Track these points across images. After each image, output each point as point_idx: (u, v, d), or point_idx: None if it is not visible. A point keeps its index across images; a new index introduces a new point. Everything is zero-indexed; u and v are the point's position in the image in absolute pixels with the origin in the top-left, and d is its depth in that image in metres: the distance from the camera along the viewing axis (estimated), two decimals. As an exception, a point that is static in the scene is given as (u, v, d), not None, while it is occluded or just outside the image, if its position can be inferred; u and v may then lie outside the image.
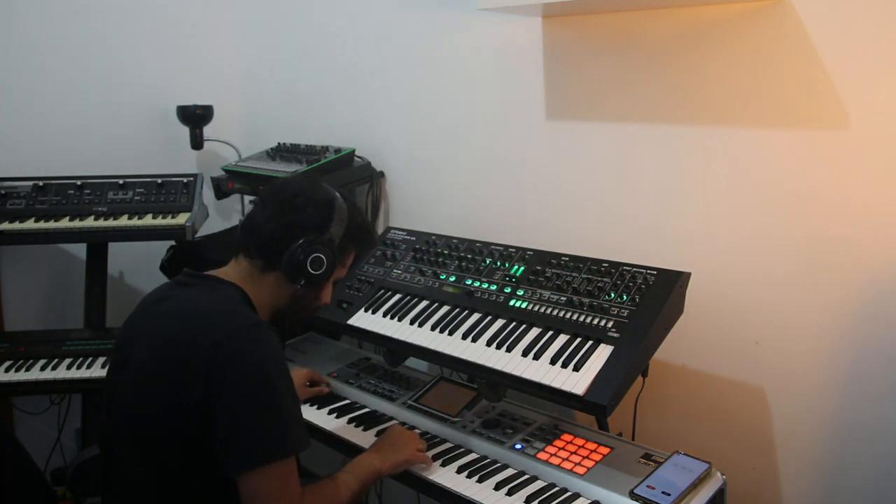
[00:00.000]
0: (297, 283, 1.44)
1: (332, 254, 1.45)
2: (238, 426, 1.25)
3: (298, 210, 1.44)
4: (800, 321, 1.70)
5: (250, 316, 1.38)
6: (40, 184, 2.41)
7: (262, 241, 1.44)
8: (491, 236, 1.98)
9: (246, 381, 1.27)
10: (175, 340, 1.31)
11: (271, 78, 2.92)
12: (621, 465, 1.49)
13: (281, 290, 1.48)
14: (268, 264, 1.45)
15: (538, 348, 1.59)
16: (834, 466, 1.71)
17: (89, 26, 2.70)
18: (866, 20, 1.53)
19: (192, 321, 1.33)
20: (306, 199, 1.45)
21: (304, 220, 1.44)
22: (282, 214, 1.44)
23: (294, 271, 1.43)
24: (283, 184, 1.52)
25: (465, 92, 2.24)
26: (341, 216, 1.48)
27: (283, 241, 1.42)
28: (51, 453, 2.70)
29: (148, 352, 1.34)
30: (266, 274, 1.46)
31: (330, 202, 1.48)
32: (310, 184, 1.51)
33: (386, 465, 1.51)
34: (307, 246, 1.42)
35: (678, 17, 1.77)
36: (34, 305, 2.78)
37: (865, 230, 1.59)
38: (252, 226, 1.47)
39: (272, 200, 1.47)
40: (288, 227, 1.43)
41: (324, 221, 1.46)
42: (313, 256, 1.42)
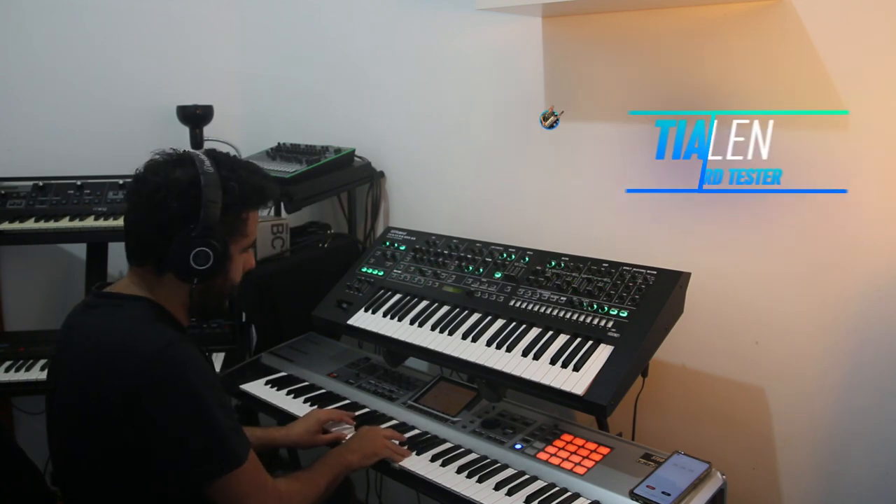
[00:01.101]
0: (191, 282, 1.35)
1: (215, 240, 1.33)
2: (182, 449, 1.24)
3: (162, 205, 1.30)
4: (800, 321, 1.70)
5: (161, 334, 1.28)
6: (40, 184, 2.41)
7: (142, 245, 1.35)
8: (491, 236, 1.98)
9: (175, 405, 1.23)
10: (93, 379, 1.26)
11: (271, 78, 2.92)
12: (621, 465, 1.49)
13: (181, 289, 1.38)
14: (158, 268, 1.35)
15: (538, 348, 1.59)
16: (834, 466, 1.72)
17: (89, 26, 2.70)
18: (866, 20, 1.54)
19: (104, 354, 1.27)
20: (167, 192, 1.31)
21: (171, 215, 1.30)
22: (149, 214, 1.32)
23: (183, 272, 1.33)
24: (142, 177, 1.36)
25: (465, 92, 2.24)
26: (212, 196, 1.32)
27: (160, 244, 1.32)
28: (51, 453, 2.69)
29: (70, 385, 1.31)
30: (161, 277, 1.36)
31: (194, 184, 1.31)
32: (170, 165, 1.36)
33: (356, 457, 1.54)
34: (184, 243, 1.30)
35: (678, 17, 1.77)
36: (34, 305, 2.78)
37: (865, 230, 1.59)
38: (128, 231, 1.37)
39: (136, 201, 1.34)
40: (158, 229, 1.31)
41: (193, 210, 1.31)
42: (195, 252, 1.31)
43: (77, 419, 1.29)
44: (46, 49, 2.64)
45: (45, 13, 2.63)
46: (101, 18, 2.72)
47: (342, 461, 1.52)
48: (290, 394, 1.91)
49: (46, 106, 2.67)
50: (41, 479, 1.57)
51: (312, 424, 1.71)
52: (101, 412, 1.24)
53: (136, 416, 1.22)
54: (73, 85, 2.70)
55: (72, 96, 2.70)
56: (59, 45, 2.66)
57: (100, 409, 1.24)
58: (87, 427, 1.27)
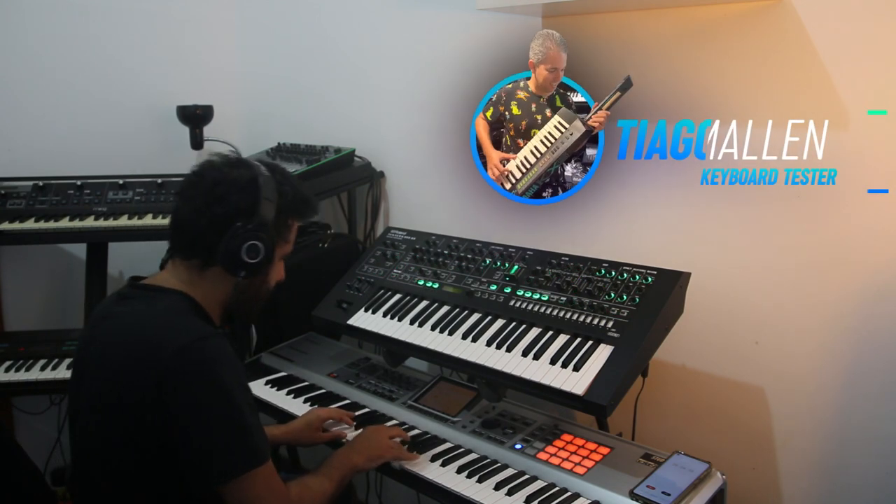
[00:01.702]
0: (238, 275, 1.36)
1: (267, 237, 1.37)
2: (207, 444, 1.24)
3: (222, 199, 1.34)
4: (800, 321, 1.71)
5: (195, 329, 1.31)
6: (40, 184, 2.41)
7: (193, 239, 1.37)
8: (491, 236, 1.98)
9: (205, 400, 1.24)
10: (124, 368, 1.27)
11: (271, 78, 2.92)
12: (621, 465, 1.49)
13: (224, 285, 1.40)
14: (204, 262, 1.38)
15: (538, 348, 1.59)
16: (833, 466, 1.72)
17: (89, 26, 2.70)
18: (866, 20, 1.54)
19: (137, 345, 1.28)
20: (228, 186, 1.35)
21: (230, 208, 1.34)
22: (206, 207, 1.35)
23: (232, 264, 1.35)
24: (200, 172, 1.40)
25: (465, 92, 2.24)
26: (268, 194, 1.38)
27: (213, 235, 1.34)
28: (51, 453, 2.69)
29: (98, 374, 1.31)
30: (206, 271, 1.39)
31: (254, 181, 1.37)
32: (229, 165, 1.41)
33: (361, 458, 1.53)
34: (239, 235, 1.33)
35: (678, 17, 1.77)
36: (34, 305, 2.78)
37: (865, 230, 1.59)
38: (179, 224, 1.39)
39: (193, 194, 1.37)
40: (215, 219, 1.34)
41: (251, 205, 1.36)
42: (248, 245, 1.34)
43: (104, 408, 1.29)
44: (46, 49, 2.64)
45: (45, 13, 2.63)
46: (101, 18, 2.71)
47: (348, 463, 1.51)
48: (291, 394, 1.91)
49: (46, 106, 2.67)
50: (41, 479, 1.58)
51: (313, 422, 1.72)
52: (130, 401, 1.25)
53: (165, 406, 1.22)
54: (73, 85, 2.70)
55: (72, 96, 2.70)
56: (59, 45, 2.66)
57: (129, 399, 1.25)
58: (113, 416, 1.27)
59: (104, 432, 1.29)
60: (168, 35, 2.84)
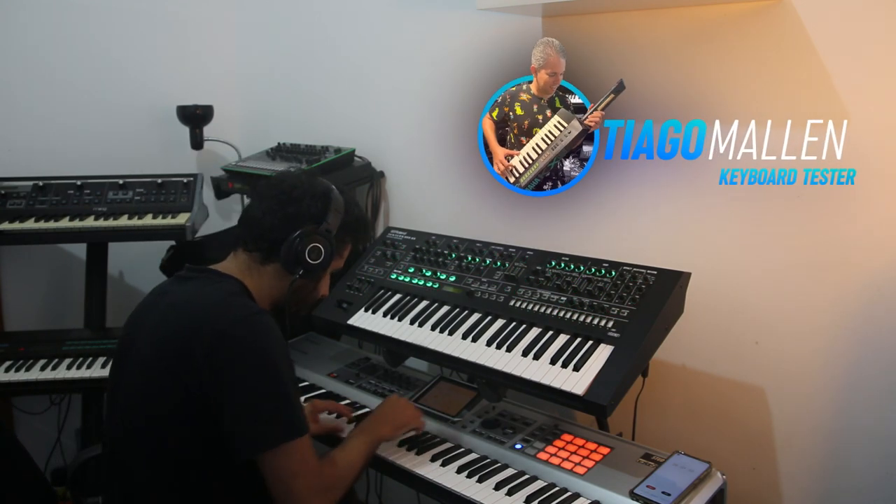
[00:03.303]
0: (296, 273, 1.46)
1: (329, 244, 1.48)
2: (251, 410, 1.28)
3: (296, 201, 1.46)
4: (800, 321, 1.71)
5: (251, 305, 1.40)
6: (40, 184, 2.41)
7: (261, 232, 1.46)
8: (491, 236, 1.98)
9: (253, 367, 1.29)
10: (177, 332, 1.32)
11: (271, 78, 2.92)
12: (621, 465, 1.49)
13: (280, 282, 1.49)
14: (266, 256, 1.47)
15: (538, 348, 1.59)
16: (834, 466, 1.72)
17: (89, 26, 2.70)
18: (866, 20, 1.54)
19: (193, 313, 1.35)
20: (304, 191, 1.48)
21: (301, 211, 1.46)
22: (279, 206, 1.46)
23: (292, 261, 1.45)
24: (280, 176, 1.54)
25: (465, 92, 2.24)
26: (338, 207, 1.51)
27: (281, 232, 1.45)
28: (51, 453, 2.70)
29: (150, 346, 1.36)
30: (265, 266, 1.48)
31: (327, 193, 1.50)
32: (307, 176, 1.54)
33: (388, 428, 1.56)
34: (305, 236, 1.44)
35: (678, 17, 1.77)
36: (34, 305, 2.78)
37: (865, 230, 1.59)
38: (250, 218, 1.49)
39: (270, 193, 1.49)
40: (286, 219, 1.45)
41: (321, 212, 1.48)
42: (311, 246, 1.45)
43: (152, 374, 1.33)
44: (46, 49, 2.64)
45: (45, 13, 2.63)
46: (101, 18, 2.72)
47: (375, 434, 1.53)
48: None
49: (46, 106, 2.67)
50: (41, 479, 1.58)
51: (310, 412, 1.74)
52: (183, 367, 1.29)
53: (215, 372, 1.27)
54: (73, 85, 2.70)
55: (72, 96, 2.70)
56: (59, 45, 2.66)
57: (182, 364, 1.29)
58: (162, 382, 1.31)
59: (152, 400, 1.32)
60: (168, 35, 2.84)
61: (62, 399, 2.68)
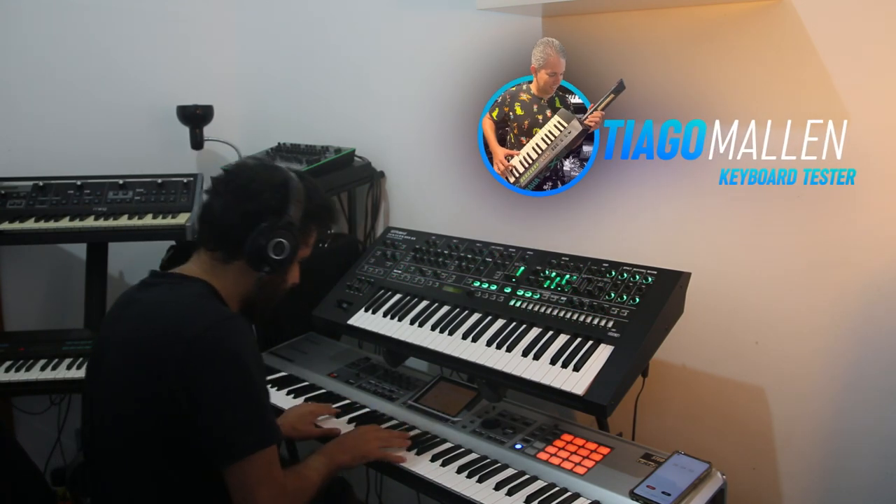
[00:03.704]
0: (262, 270, 1.42)
1: (293, 236, 1.43)
2: (221, 419, 1.26)
3: (254, 196, 1.41)
4: (800, 321, 1.71)
5: (221, 310, 1.37)
6: (40, 184, 2.41)
7: (221, 231, 1.42)
8: (491, 236, 1.98)
9: (224, 374, 1.27)
10: (146, 342, 1.30)
11: (271, 78, 2.92)
12: (621, 465, 1.49)
13: (246, 279, 1.45)
14: (229, 255, 1.43)
15: (538, 348, 1.59)
16: (834, 466, 1.72)
17: (89, 26, 2.70)
18: (866, 20, 1.54)
19: (161, 321, 1.32)
20: (261, 184, 1.42)
21: (261, 205, 1.40)
22: (238, 202, 1.40)
23: (257, 259, 1.40)
24: (235, 170, 1.48)
25: (465, 92, 2.24)
26: (298, 197, 1.45)
27: (242, 230, 1.40)
28: (51, 453, 2.69)
29: (120, 356, 1.34)
30: (229, 264, 1.44)
31: (285, 184, 1.44)
32: (263, 167, 1.49)
33: (347, 457, 1.54)
34: (267, 232, 1.39)
35: (678, 17, 1.77)
36: (34, 305, 2.78)
37: (865, 230, 1.59)
38: (209, 217, 1.44)
39: (226, 189, 1.43)
40: (246, 215, 1.40)
41: (281, 205, 1.42)
42: (275, 242, 1.40)
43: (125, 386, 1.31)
44: (46, 49, 2.64)
45: (44, 13, 2.63)
46: (101, 18, 2.71)
47: (335, 460, 1.52)
48: (291, 394, 1.91)
49: (46, 106, 2.66)
50: (41, 479, 1.58)
51: (307, 416, 1.75)
52: (154, 378, 1.27)
53: (187, 381, 1.25)
54: (73, 85, 2.70)
55: (72, 96, 2.69)
56: (59, 45, 2.66)
57: (153, 375, 1.27)
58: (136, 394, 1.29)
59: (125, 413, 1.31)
60: (168, 35, 2.84)
61: (62, 399, 2.68)
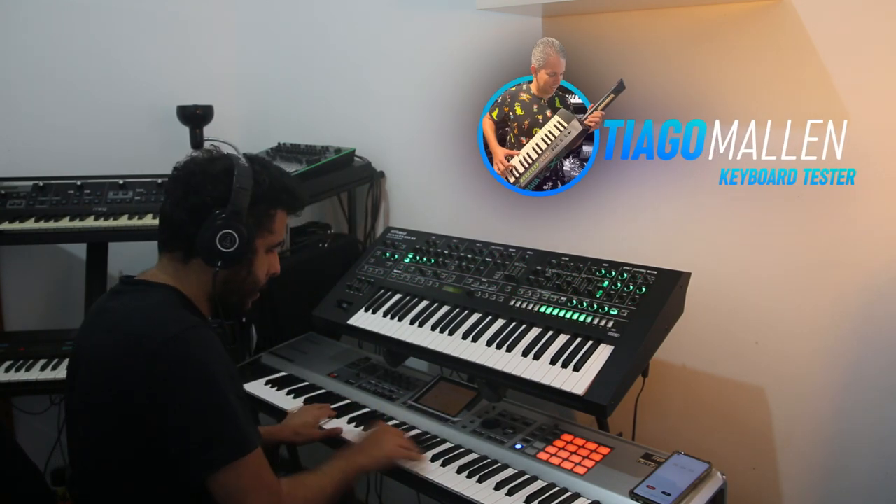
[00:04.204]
0: (215, 265, 1.37)
1: (242, 225, 1.36)
2: (194, 431, 1.24)
3: (197, 189, 1.37)
4: (800, 321, 1.70)
5: (184, 319, 1.32)
6: (40, 184, 2.41)
7: (174, 230, 1.39)
8: (491, 236, 1.98)
9: (190, 387, 1.24)
10: (112, 356, 1.28)
11: (271, 78, 2.92)
12: (621, 465, 1.49)
13: (206, 277, 1.41)
14: (186, 253, 1.39)
15: (538, 348, 1.59)
16: (833, 466, 1.72)
17: (89, 26, 2.70)
18: (866, 20, 1.54)
19: (124, 335, 1.29)
20: (203, 177, 1.37)
21: (204, 198, 1.36)
22: (184, 197, 1.37)
23: (207, 254, 1.36)
24: (182, 166, 1.43)
25: (465, 91, 2.24)
26: (243, 184, 1.38)
27: (191, 226, 1.36)
28: (51, 453, 2.69)
29: (89, 371, 1.33)
30: (188, 264, 1.40)
31: (228, 171, 1.38)
32: (207, 158, 1.43)
33: (368, 460, 1.52)
34: (213, 225, 1.34)
35: (678, 17, 1.77)
36: (34, 305, 2.78)
37: (865, 230, 1.59)
38: (162, 217, 1.41)
39: (173, 186, 1.40)
40: (192, 210, 1.36)
41: (223, 194, 1.36)
42: (221, 234, 1.34)
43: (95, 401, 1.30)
44: (46, 49, 2.64)
45: (45, 13, 2.63)
46: (101, 18, 2.72)
47: (353, 464, 1.49)
48: (291, 394, 1.91)
49: (46, 106, 2.67)
50: (41, 479, 1.58)
51: (310, 419, 1.74)
52: (119, 392, 1.25)
53: (153, 397, 1.23)
54: (73, 85, 2.70)
55: (72, 96, 2.70)
56: (59, 44, 2.66)
57: (119, 390, 1.25)
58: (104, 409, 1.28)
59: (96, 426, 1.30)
60: (168, 35, 2.84)
61: (62, 399, 2.68)
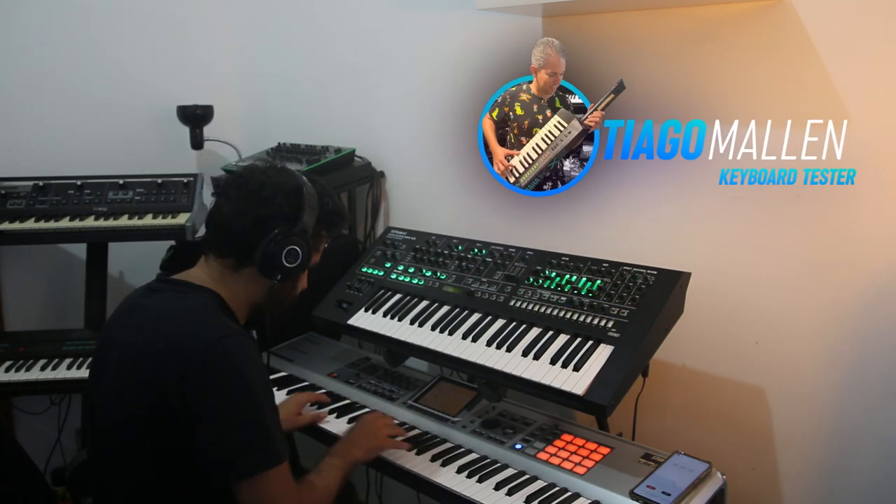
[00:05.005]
0: (273, 277, 1.39)
1: (306, 244, 1.39)
2: (226, 439, 1.24)
3: (267, 201, 1.37)
4: (800, 321, 1.71)
5: (224, 325, 1.31)
6: (40, 184, 2.41)
7: (232, 238, 1.38)
8: (491, 236, 1.98)
9: (227, 394, 1.24)
10: (147, 354, 1.27)
11: (271, 78, 2.92)
12: (621, 465, 1.49)
13: (256, 287, 1.42)
14: (239, 262, 1.39)
15: (538, 348, 1.59)
16: (834, 466, 1.72)
17: (89, 27, 2.70)
18: (866, 20, 1.54)
19: (164, 334, 1.29)
20: (274, 190, 1.38)
21: (273, 211, 1.37)
22: (249, 208, 1.36)
23: (269, 266, 1.37)
24: (247, 174, 1.43)
25: (465, 91, 2.24)
26: (311, 203, 1.42)
27: (253, 237, 1.36)
28: (51, 453, 2.69)
29: (121, 364, 1.31)
30: (239, 271, 1.40)
31: (298, 189, 1.40)
32: (275, 171, 1.43)
33: (361, 452, 1.53)
34: (280, 239, 1.36)
35: (678, 17, 1.77)
36: (34, 305, 2.78)
37: (865, 230, 1.59)
38: (219, 222, 1.40)
39: (237, 194, 1.39)
40: (258, 221, 1.36)
41: (294, 211, 1.38)
42: (288, 249, 1.36)
43: (125, 398, 1.29)
44: (46, 49, 2.64)
45: (45, 13, 2.63)
46: (101, 18, 2.72)
47: (348, 458, 1.50)
48: (291, 394, 1.91)
49: (46, 106, 2.67)
50: (41, 479, 1.58)
51: (293, 407, 1.75)
52: (152, 392, 1.24)
53: (187, 400, 1.22)
54: (73, 85, 2.70)
55: (72, 96, 2.70)
56: (59, 45, 2.66)
57: (151, 390, 1.24)
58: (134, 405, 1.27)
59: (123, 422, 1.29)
60: (168, 35, 2.84)
61: (62, 399, 2.68)
